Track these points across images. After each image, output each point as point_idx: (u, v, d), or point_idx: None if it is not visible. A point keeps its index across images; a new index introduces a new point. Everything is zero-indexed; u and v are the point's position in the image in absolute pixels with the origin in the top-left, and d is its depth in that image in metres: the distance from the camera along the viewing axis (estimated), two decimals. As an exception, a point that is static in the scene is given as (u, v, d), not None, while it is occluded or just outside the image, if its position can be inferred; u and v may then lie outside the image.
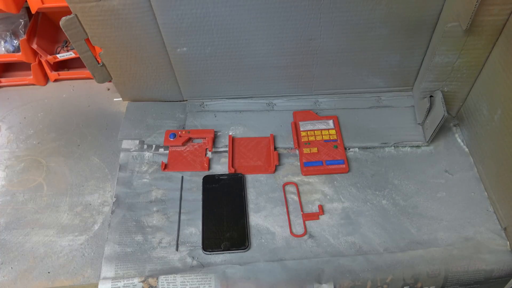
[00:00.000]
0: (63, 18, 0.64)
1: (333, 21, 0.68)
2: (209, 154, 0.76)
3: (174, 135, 0.76)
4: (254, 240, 0.65)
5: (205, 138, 0.77)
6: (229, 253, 0.64)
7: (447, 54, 0.67)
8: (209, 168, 0.74)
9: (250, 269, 0.62)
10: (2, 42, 0.83)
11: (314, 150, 0.75)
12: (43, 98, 0.86)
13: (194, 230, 0.66)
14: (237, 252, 0.64)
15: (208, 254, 0.64)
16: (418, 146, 0.76)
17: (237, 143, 0.77)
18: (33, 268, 0.63)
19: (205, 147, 0.76)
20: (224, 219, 0.67)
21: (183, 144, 0.76)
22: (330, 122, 0.78)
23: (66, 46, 0.88)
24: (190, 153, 0.76)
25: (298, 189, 0.71)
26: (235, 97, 0.83)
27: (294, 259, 0.63)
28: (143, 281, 0.60)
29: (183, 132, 0.77)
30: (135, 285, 0.60)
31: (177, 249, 0.64)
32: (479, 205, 0.69)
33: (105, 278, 0.61)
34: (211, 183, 0.71)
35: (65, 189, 0.72)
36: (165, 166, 0.74)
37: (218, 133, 0.79)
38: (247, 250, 0.64)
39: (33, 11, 0.75)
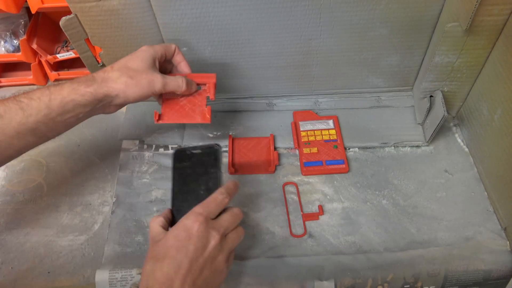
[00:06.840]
0: (63, 18, 0.64)
1: (333, 21, 0.68)
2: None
3: None
4: (254, 239, 0.65)
5: (205, 84, 0.66)
6: None
7: (447, 54, 0.67)
8: (211, 119, 0.64)
9: (251, 265, 0.62)
10: (2, 42, 0.83)
11: (314, 150, 0.75)
12: (43, 98, 0.86)
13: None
14: None
15: None
16: (418, 146, 0.76)
17: (237, 143, 0.77)
18: (33, 268, 0.63)
19: (206, 94, 0.66)
20: (196, 201, 0.55)
21: None
22: (330, 122, 0.78)
23: (66, 46, 0.88)
24: (189, 102, 0.65)
25: (298, 189, 0.71)
26: (235, 97, 0.83)
27: (294, 256, 0.63)
28: (140, 273, 0.60)
29: None
30: (133, 276, 0.60)
31: None
32: (479, 205, 0.69)
33: (102, 269, 0.60)
34: (182, 161, 0.63)
35: (65, 189, 0.72)
36: (159, 117, 0.64)
37: (218, 133, 0.78)
38: None
39: (33, 11, 0.75)
